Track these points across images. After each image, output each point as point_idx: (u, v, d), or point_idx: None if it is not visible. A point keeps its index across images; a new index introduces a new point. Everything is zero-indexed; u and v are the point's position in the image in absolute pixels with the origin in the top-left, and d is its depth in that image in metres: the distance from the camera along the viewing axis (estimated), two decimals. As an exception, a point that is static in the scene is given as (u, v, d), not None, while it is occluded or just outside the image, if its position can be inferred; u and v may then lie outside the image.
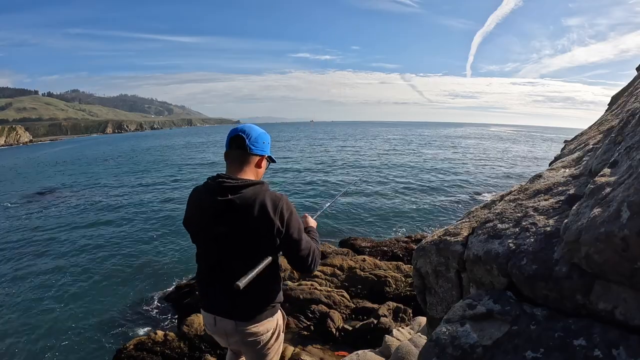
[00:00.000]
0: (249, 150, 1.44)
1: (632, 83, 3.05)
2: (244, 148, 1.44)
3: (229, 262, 1.42)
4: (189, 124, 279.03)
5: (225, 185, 1.38)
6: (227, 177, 1.41)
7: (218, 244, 1.41)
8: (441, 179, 21.74)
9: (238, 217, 1.37)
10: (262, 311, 1.50)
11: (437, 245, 1.60)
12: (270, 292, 1.52)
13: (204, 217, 1.42)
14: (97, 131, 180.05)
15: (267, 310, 1.52)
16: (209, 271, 1.50)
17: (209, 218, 1.40)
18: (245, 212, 1.36)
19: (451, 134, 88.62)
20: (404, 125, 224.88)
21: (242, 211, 1.36)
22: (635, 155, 0.92)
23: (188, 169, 29.23)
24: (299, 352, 4.63)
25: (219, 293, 1.47)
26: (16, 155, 57.23)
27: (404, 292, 6.67)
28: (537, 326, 0.93)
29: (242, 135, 1.44)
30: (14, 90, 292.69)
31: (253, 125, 1.53)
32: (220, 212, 1.38)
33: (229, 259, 1.42)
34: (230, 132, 1.49)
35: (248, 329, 1.48)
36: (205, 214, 1.42)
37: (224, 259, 1.43)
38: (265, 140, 1.50)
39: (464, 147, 49.14)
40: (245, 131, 1.46)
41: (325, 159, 33.49)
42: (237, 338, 1.51)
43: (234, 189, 1.37)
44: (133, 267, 9.60)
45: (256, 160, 1.47)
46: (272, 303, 1.53)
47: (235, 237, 1.38)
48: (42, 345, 6.35)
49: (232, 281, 1.34)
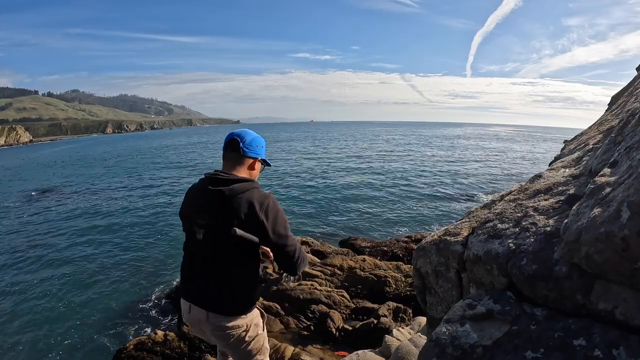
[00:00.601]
0: (242, 153, 1.54)
1: (632, 83, 3.05)
2: (238, 150, 1.54)
3: (211, 253, 1.47)
4: (189, 124, 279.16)
5: (217, 177, 1.47)
6: (221, 172, 1.51)
7: (203, 233, 1.47)
8: (441, 179, 21.74)
9: (225, 208, 1.42)
10: (235, 306, 1.52)
11: (437, 245, 1.60)
12: (246, 288, 1.54)
13: (194, 205, 1.51)
14: (97, 131, 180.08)
15: (241, 306, 1.53)
16: (190, 259, 1.56)
17: (198, 207, 1.49)
18: (233, 205, 1.42)
19: (451, 134, 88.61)
20: (404, 125, 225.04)
21: (230, 203, 1.42)
22: (635, 155, 0.92)
23: (188, 169, 29.24)
24: (299, 352, 4.63)
25: (197, 282, 1.52)
26: (16, 156, 57.24)
27: (404, 292, 6.67)
28: (537, 326, 0.93)
29: (237, 139, 1.55)
30: (14, 90, 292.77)
31: (248, 130, 1.63)
32: (208, 202, 1.45)
33: (211, 250, 1.46)
34: (227, 136, 1.61)
35: (219, 321, 1.50)
36: (195, 203, 1.51)
37: (206, 248, 1.47)
38: (259, 144, 1.60)
39: (464, 147, 49.14)
40: (240, 135, 1.57)
41: (324, 159, 33.48)
42: (208, 329, 1.53)
43: (225, 182, 1.46)
44: (133, 267, 9.61)
45: (250, 163, 1.57)
46: (247, 300, 1.55)
47: (220, 228, 1.42)
48: (42, 345, 6.35)
49: (211, 272, 1.46)
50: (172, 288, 8.00)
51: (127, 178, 25.39)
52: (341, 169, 26.47)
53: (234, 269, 1.48)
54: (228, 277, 1.47)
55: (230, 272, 1.48)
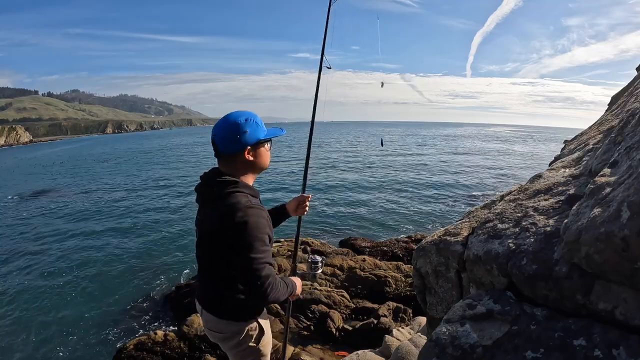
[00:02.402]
0: (222, 151, 1.33)
1: (632, 83, 3.05)
2: (217, 150, 1.34)
3: (200, 253, 1.45)
4: (189, 124, 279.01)
5: (207, 176, 1.38)
6: (215, 170, 1.38)
7: (196, 232, 1.44)
8: (441, 179, 21.73)
9: (202, 212, 1.41)
10: (222, 308, 1.46)
11: (437, 245, 1.60)
12: (231, 292, 1.41)
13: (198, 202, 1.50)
14: (97, 131, 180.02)
15: (229, 311, 1.46)
16: (197, 258, 1.55)
17: (198, 204, 1.47)
18: (206, 210, 1.38)
19: (451, 134, 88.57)
20: (404, 125, 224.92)
21: (205, 208, 1.40)
22: (635, 155, 0.92)
23: (188, 169, 29.23)
24: (299, 352, 4.63)
25: (199, 280, 1.59)
26: (16, 156, 57.22)
27: (404, 292, 6.67)
28: (537, 326, 0.93)
29: (214, 138, 1.34)
30: (14, 90, 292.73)
31: (230, 114, 1.34)
32: (201, 199, 1.44)
33: (200, 251, 1.45)
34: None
35: (210, 320, 1.49)
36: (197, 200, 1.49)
37: (198, 249, 1.46)
38: (238, 133, 1.30)
39: (464, 147, 49.12)
40: (216, 130, 1.33)
41: (324, 159, 33.48)
42: (205, 326, 1.55)
43: (209, 181, 1.36)
44: (133, 267, 9.60)
45: (236, 157, 1.33)
46: (236, 307, 1.44)
47: (200, 228, 1.41)
48: (41, 346, 6.35)
49: (203, 271, 1.47)
50: (172, 288, 7.99)
51: (127, 178, 25.39)
52: (341, 169, 26.47)
53: (219, 272, 1.39)
54: (216, 280, 1.42)
55: (214, 275, 1.42)
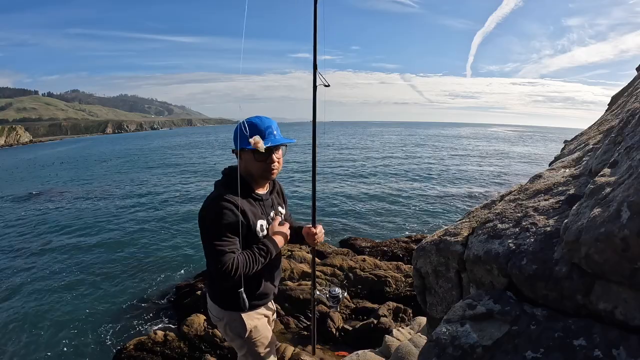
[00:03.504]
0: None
1: (632, 83, 3.05)
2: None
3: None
4: (189, 124, 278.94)
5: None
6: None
7: None
8: (441, 179, 21.73)
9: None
10: (213, 295, 1.70)
11: (437, 245, 1.60)
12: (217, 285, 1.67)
13: None
14: (97, 131, 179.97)
15: (217, 299, 1.68)
16: None
17: None
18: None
19: (451, 134, 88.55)
20: (403, 125, 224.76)
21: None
22: (635, 155, 0.92)
23: (188, 169, 29.24)
24: (299, 352, 4.63)
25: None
26: (16, 156, 57.22)
27: (404, 292, 6.67)
28: (537, 326, 0.93)
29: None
30: (14, 90, 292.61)
31: (251, 118, 1.63)
32: None
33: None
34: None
35: (208, 302, 1.74)
36: None
37: None
38: (235, 135, 1.59)
39: (464, 147, 49.11)
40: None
41: (324, 160, 33.48)
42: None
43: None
44: (132, 267, 9.59)
45: (239, 156, 1.59)
46: (223, 294, 1.63)
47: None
48: (41, 346, 6.34)
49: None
50: (173, 288, 7.99)
51: (127, 178, 25.37)
52: (341, 169, 26.47)
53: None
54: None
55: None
